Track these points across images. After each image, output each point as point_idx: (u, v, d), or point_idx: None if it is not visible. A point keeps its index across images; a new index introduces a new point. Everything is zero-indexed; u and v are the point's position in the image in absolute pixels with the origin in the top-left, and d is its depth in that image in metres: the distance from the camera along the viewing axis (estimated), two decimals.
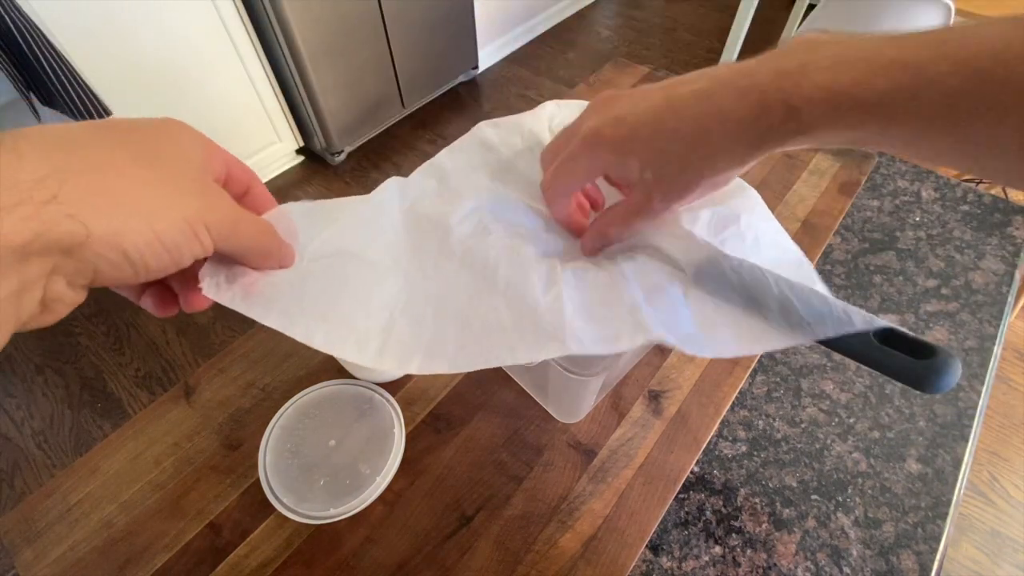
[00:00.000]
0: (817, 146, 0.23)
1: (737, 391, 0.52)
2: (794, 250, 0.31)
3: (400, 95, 2.11)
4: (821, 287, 0.26)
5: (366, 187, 2.02)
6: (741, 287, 0.26)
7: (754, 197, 0.34)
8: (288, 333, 0.26)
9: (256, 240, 0.25)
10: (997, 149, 0.19)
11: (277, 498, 0.43)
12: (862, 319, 0.24)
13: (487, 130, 0.37)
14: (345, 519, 0.43)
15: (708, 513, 0.46)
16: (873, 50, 0.20)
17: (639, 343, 0.26)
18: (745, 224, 0.30)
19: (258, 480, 0.44)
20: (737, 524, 0.45)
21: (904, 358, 0.23)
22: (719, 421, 0.50)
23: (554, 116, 0.39)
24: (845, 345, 0.25)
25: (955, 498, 0.46)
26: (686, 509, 0.46)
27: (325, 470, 0.45)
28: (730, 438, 0.50)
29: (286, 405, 0.48)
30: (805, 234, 0.64)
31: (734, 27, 1.97)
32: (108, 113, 1.35)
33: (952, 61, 0.18)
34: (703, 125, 0.24)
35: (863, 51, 0.20)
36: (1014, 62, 0.18)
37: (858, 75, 0.20)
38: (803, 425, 0.51)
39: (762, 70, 0.22)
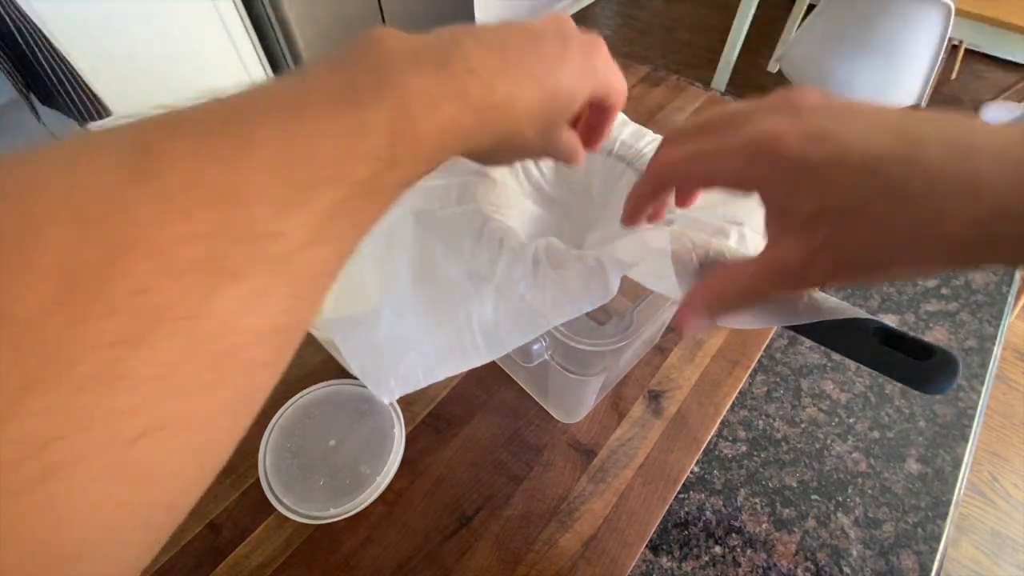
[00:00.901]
0: None
1: (737, 391, 0.52)
2: None
3: None
4: None
5: None
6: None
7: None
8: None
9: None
10: None
11: (277, 498, 0.43)
12: (831, 308, 0.24)
13: None
14: (345, 519, 0.43)
15: (708, 513, 0.46)
16: None
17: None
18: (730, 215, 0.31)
19: (258, 480, 0.44)
20: (737, 524, 0.45)
21: (904, 358, 0.23)
22: (719, 421, 0.50)
23: None
24: (845, 345, 0.25)
25: (955, 498, 0.46)
26: (686, 509, 0.46)
27: (325, 470, 0.45)
28: (730, 438, 0.50)
29: (286, 405, 0.48)
30: None
31: (734, 27, 1.97)
32: (108, 113, 1.35)
33: None
34: (958, 174, 0.16)
35: None
36: None
37: None
38: (803, 425, 0.51)
39: None
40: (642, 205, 0.26)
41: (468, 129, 0.19)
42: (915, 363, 0.23)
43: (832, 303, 0.25)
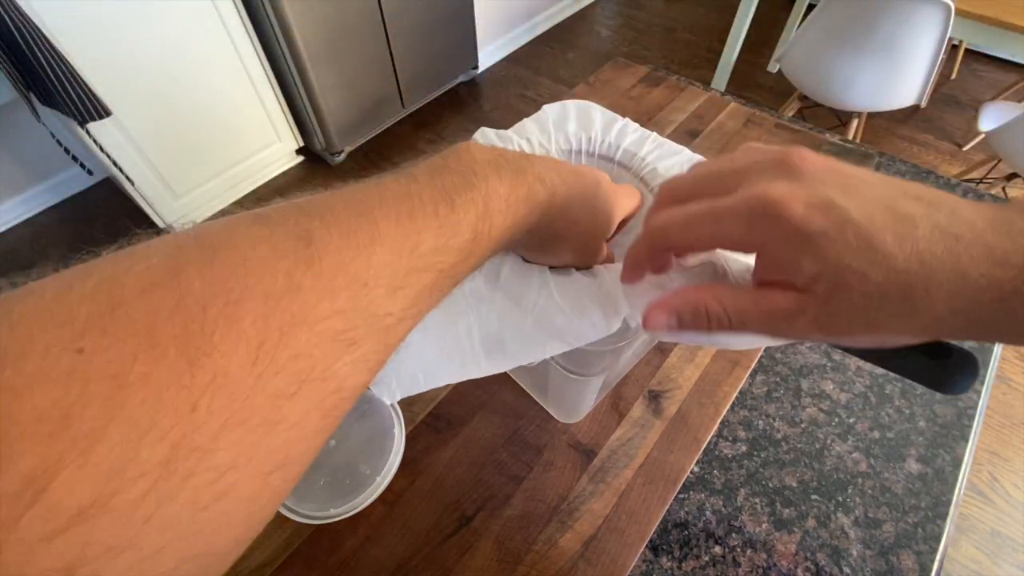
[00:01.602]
0: None
1: (737, 391, 0.52)
2: None
3: (400, 95, 2.11)
4: None
5: None
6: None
7: None
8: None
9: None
10: None
11: None
12: None
13: (494, 139, 0.38)
14: (345, 519, 0.43)
15: (708, 513, 0.46)
16: None
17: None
18: None
19: None
20: (737, 524, 0.45)
21: (921, 359, 0.22)
22: (719, 421, 0.50)
23: (557, 121, 0.40)
24: (860, 347, 0.25)
25: (955, 498, 0.46)
26: (686, 509, 0.46)
27: (325, 470, 0.45)
28: (730, 438, 0.50)
29: None
30: None
31: (734, 27, 1.97)
32: (108, 113, 1.35)
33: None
34: (943, 266, 0.17)
35: None
36: None
37: None
38: (803, 425, 0.51)
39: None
40: (641, 267, 0.25)
41: (533, 224, 0.23)
42: (933, 363, 0.22)
43: None
